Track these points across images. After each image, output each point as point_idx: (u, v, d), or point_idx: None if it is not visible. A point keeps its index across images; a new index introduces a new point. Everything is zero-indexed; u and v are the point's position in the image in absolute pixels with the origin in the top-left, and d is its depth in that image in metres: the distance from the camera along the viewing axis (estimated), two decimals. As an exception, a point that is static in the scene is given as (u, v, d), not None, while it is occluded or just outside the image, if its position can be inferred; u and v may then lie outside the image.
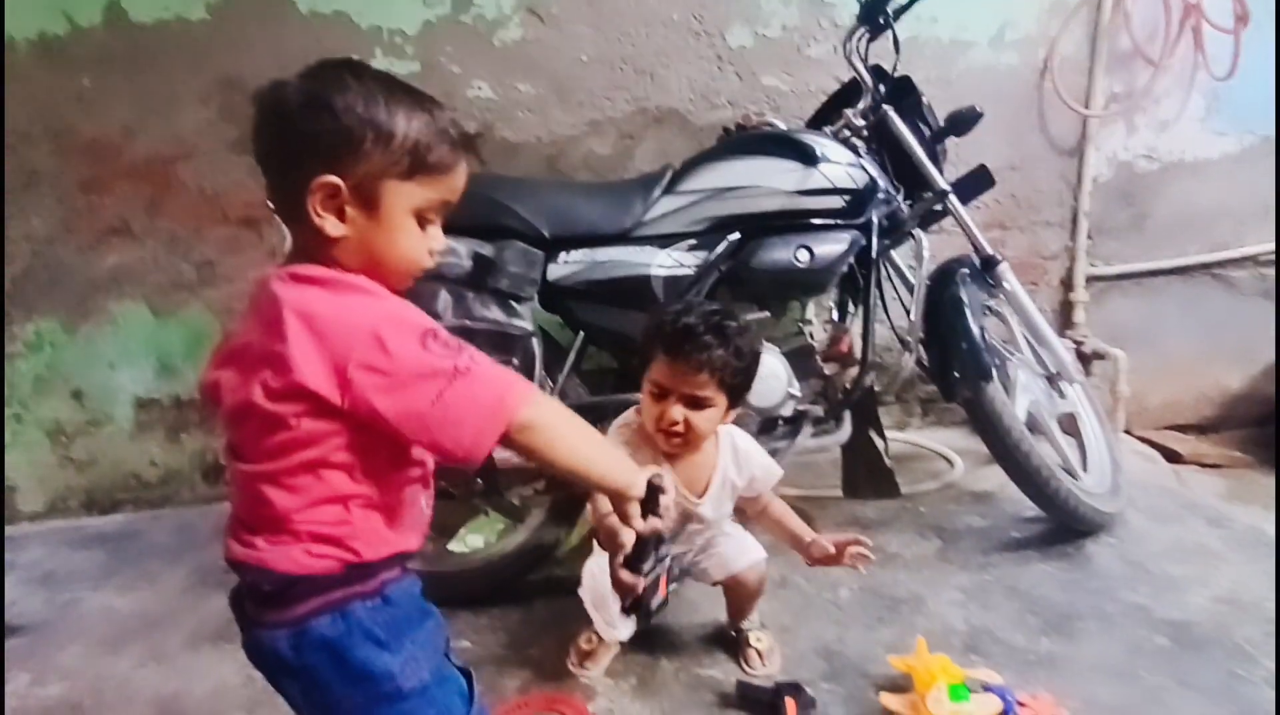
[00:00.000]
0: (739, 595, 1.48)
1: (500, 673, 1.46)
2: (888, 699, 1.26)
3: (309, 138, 0.75)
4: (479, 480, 1.58)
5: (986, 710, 1.22)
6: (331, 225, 0.76)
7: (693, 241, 1.63)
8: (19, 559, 2.07)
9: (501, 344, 1.44)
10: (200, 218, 2.27)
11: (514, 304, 1.47)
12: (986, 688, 1.27)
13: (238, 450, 0.79)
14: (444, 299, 1.42)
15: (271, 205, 0.81)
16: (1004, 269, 1.83)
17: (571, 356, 1.63)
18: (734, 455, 1.39)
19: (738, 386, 1.31)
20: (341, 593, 0.77)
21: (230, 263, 2.31)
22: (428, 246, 0.81)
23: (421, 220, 0.80)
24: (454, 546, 1.77)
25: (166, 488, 2.41)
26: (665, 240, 1.63)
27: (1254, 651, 1.40)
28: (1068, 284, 2.59)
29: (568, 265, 1.59)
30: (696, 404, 1.27)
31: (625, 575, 0.86)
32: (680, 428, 1.28)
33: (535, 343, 1.54)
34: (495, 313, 1.44)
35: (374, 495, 0.79)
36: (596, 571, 1.42)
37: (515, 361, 1.50)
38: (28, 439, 2.33)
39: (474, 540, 1.77)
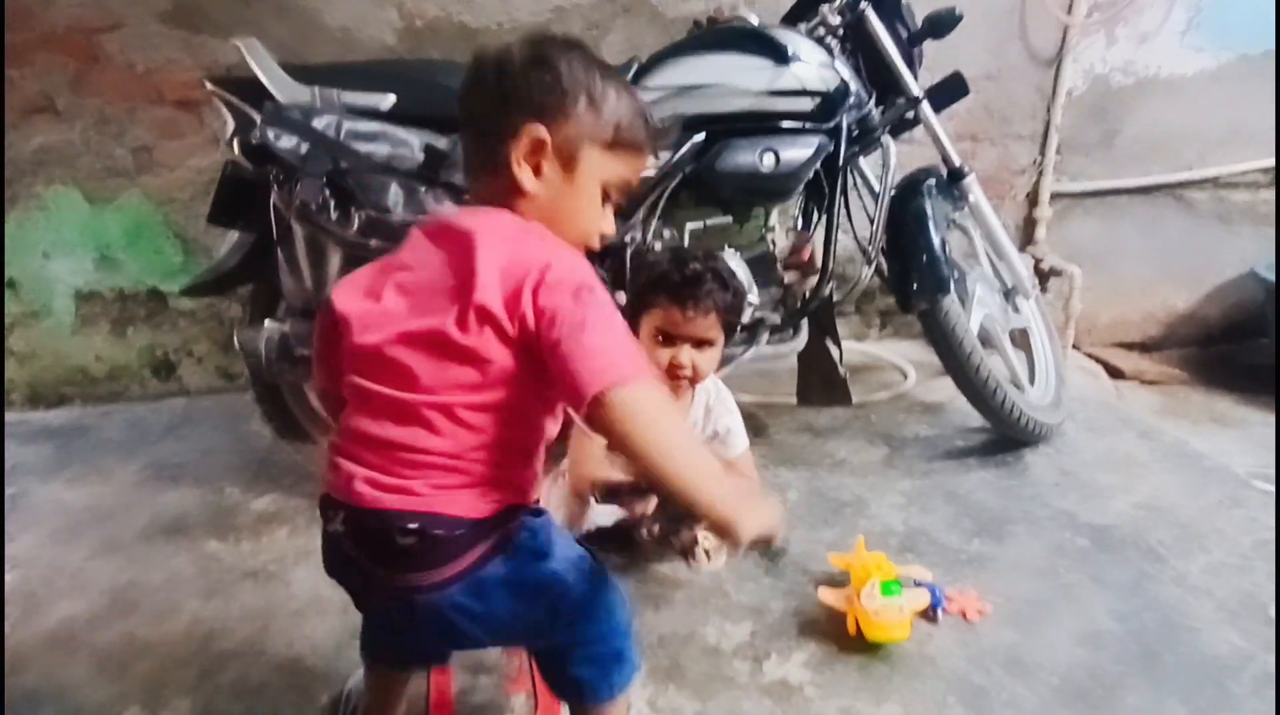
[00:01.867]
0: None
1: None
2: (824, 593, 1.33)
3: (526, 90, 0.79)
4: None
5: (915, 603, 1.29)
6: (528, 178, 0.80)
7: (657, 141, 1.57)
8: (-38, 451, 2.03)
9: (455, 242, 1.40)
10: (133, 97, 2.12)
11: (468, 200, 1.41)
12: (917, 583, 1.35)
13: (398, 380, 0.76)
14: (394, 193, 1.36)
15: (469, 159, 0.86)
16: (970, 182, 1.82)
17: (529, 257, 1.59)
18: (706, 406, 1.45)
19: (733, 323, 1.40)
20: (504, 530, 0.79)
21: (169, 148, 2.18)
22: (603, 218, 0.85)
23: (603, 195, 0.84)
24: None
25: (114, 383, 2.36)
26: (628, 139, 1.57)
27: (1165, 553, 1.50)
28: (1033, 199, 2.59)
29: (526, 161, 1.52)
30: (700, 345, 1.35)
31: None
32: (689, 372, 1.35)
33: (491, 242, 1.50)
34: (449, 209, 1.38)
35: (535, 441, 0.82)
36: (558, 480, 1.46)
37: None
38: (-38, 330, 2.24)
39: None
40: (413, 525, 0.74)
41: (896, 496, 1.72)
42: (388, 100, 1.46)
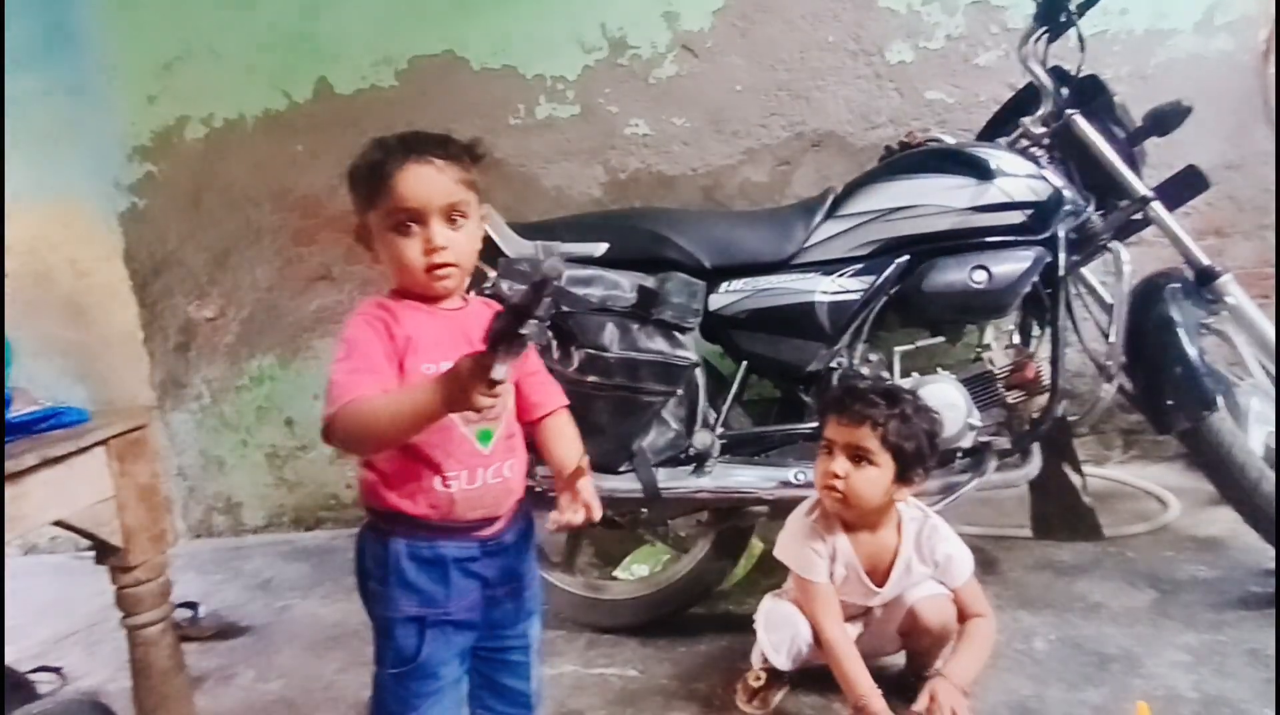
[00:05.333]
0: (917, 639, 1.37)
1: (667, 705, 1.45)
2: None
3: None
4: (644, 509, 1.60)
5: (1232, 797, 1.04)
6: (371, 256, 1.01)
7: (858, 266, 1.57)
8: (244, 567, 2.37)
9: (666, 375, 1.46)
10: (390, 262, 2.51)
11: (677, 335, 1.48)
12: (1229, 769, 1.09)
13: None
14: (610, 331, 1.46)
15: None
16: (1225, 282, 1.60)
17: (734, 386, 1.62)
18: (917, 538, 1.34)
19: (905, 452, 1.27)
20: (370, 519, 1.04)
21: (414, 301, 2.52)
22: (419, 248, 0.95)
23: (402, 228, 0.94)
24: (619, 574, 1.80)
25: (360, 510, 2.65)
26: (829, 266, 1.58)
27: None
28: (1306, 296, 2.22)
29: (729, 294, 1.58)
30: (858, 460, 1.27)
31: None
32: (840, 483, 1.26)
33: (699, 373, 1.55)
34: (660, 344, 1.46)
35: (380, 464, 0.99)
36: (773, 602, 1.41)
37: (680, 392, 1.51)
38: (251, 461, 2.66)
39: (639, 569, 1.79)
40: None
41: (1178, 653, 1.44)
42: (600, 248, 1.60)
